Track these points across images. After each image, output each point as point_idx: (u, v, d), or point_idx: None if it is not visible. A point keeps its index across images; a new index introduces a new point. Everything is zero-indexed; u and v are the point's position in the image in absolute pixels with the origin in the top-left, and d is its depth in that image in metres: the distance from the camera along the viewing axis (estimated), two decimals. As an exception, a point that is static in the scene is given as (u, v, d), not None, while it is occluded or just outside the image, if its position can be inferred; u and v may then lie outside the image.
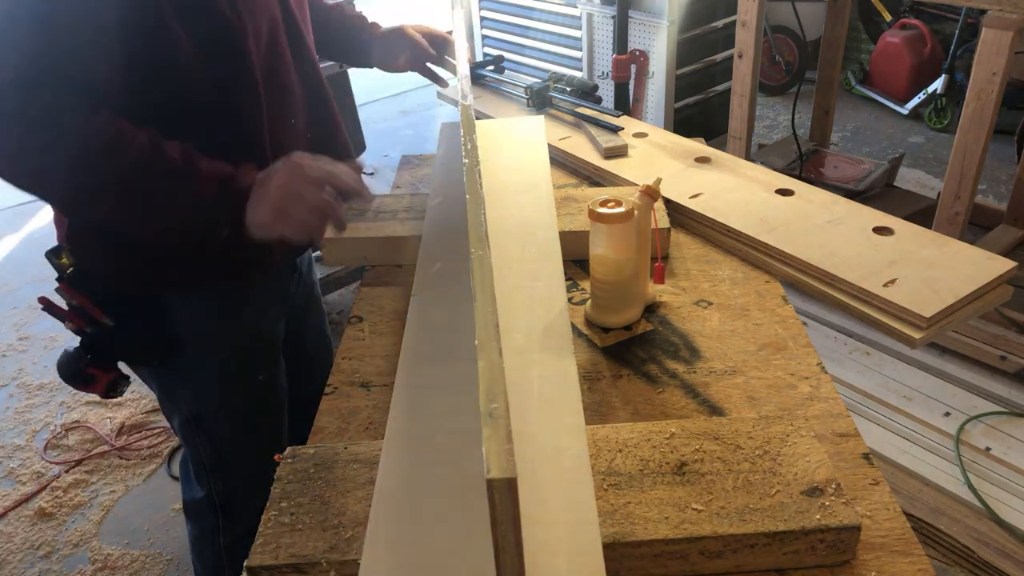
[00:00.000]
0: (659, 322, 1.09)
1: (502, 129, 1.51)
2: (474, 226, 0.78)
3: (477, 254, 0.73)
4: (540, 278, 1.03)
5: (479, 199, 0.84)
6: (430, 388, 0.88)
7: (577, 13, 2.93)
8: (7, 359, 2.85)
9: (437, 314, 1.00)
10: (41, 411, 2.57)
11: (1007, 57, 2.01)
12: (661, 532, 0.71)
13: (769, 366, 0.99)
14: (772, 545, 0.71)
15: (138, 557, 2.03)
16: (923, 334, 0.97)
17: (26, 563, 2.03)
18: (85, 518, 2.16)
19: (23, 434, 2.47)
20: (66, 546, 2.07)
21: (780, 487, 0.75)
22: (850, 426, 0.89)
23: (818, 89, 3.14)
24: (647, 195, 1.03)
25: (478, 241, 0.75)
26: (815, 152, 3.19)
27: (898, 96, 4.09)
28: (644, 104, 2.87)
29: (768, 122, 4.22)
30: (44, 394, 2.65)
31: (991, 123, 2.10)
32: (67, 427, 2.47)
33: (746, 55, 2.52)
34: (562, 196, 1.31)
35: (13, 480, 2.30)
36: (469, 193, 0.87)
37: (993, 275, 1.02)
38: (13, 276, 3.41)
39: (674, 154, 1.44)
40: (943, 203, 2.29)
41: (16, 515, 2.18)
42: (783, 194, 1.27)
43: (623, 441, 0.81)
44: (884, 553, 0.74)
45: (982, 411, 2.14)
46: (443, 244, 1.15)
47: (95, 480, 2.28)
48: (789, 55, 4.32)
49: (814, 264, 1.08)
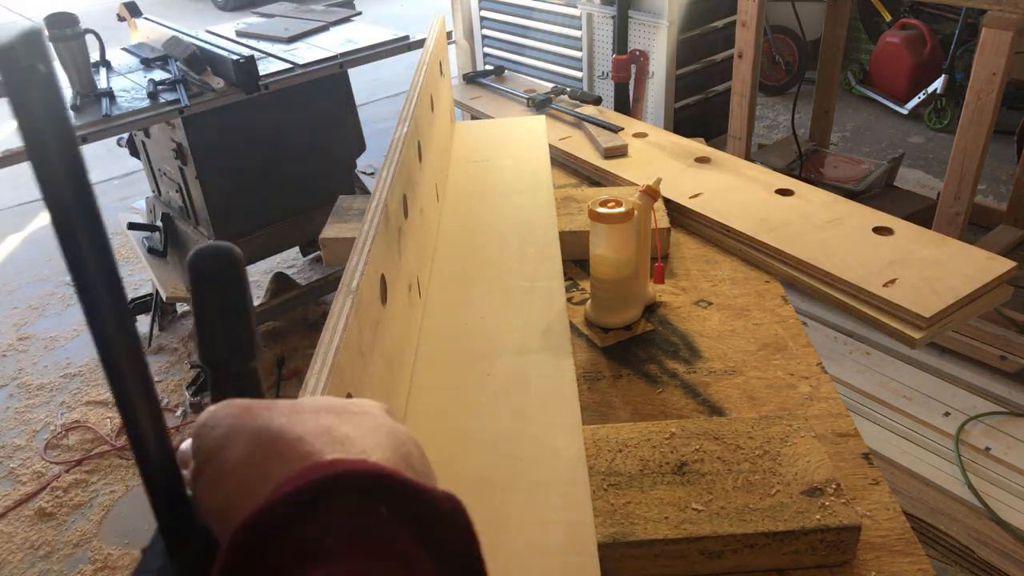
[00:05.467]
0: (659, 322, 1.09)
1: (502, 129, 1.51)
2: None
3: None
4: (539, 278, 1.03)
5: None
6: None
7: (577, 13, 2.93)
8: (7, 359, 2.85)
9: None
10: (41, 411, 2.57)
11: (1007, 57, 2.01)
12: (661, 532, 0.71)
13: (769, 366, 0.99)
14: (772, 545, 0.71)
15: (138, 557, 2.03)
16: (923, 334, 0.97)
17: (26, 563, 2.03)
18: (85, 518, 2.15)
19: (23, 434, 2.47)
20: (66, 546, 2.07)
21: (780, 487, 0.75)
22: (850, 426, 0.89)
23: (818, 89, 3.14)
24: (647, 195, 1.03)
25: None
26: (815, 152, 3.19)
27: (898, 96, 4.09)
28: (644, 104, 2.87)
29: (768, 122, 4.22)
30: (44, 394, 2.65)
31: (991, 123, 2.10)
32: (67, 427, 2.47)
33: (746, 55, 2.52)
34: (562, 196, 1.31)
35: (13, 480, 2.30)
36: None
37: (993, 275, 1.02)
38: (14, 276, 3.41)
39: (674, 154, 1.44)
40: (943, 203, 2.29)
41: (16, 515, 2.18)
42: (783, 194, 1.27)
43: (623, 441, 0.81)
44: (884, 553, 0.74)
45: (982, 411, 2.14)
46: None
47: (95, 480, 2.28)
48: (789, 55, 4.32)
49: (814, 264, 1.08)
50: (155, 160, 2.61)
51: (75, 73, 2.15)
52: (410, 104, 1.03)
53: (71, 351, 2.86)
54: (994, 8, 1.98)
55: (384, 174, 0.83)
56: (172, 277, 2.62)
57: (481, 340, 0.92)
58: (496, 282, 1.03)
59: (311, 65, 2.37)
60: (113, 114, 2.07)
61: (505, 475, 0.73)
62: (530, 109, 1.67)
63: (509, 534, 0.67)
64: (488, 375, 0.86)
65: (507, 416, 0.80)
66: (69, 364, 2.78)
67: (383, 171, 0.84)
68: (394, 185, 0.82)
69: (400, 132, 0.93)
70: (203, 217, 2.43)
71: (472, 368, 0.88)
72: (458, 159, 1.39)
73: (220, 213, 2.39)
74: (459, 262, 1.08)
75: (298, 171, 2.55)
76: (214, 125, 2.28)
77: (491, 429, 0.79)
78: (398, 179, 0.85)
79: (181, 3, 8.15)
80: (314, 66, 2.38)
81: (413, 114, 1.00)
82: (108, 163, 4.43)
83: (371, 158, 4.11)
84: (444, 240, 1.14)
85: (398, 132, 0.94)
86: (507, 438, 0.77)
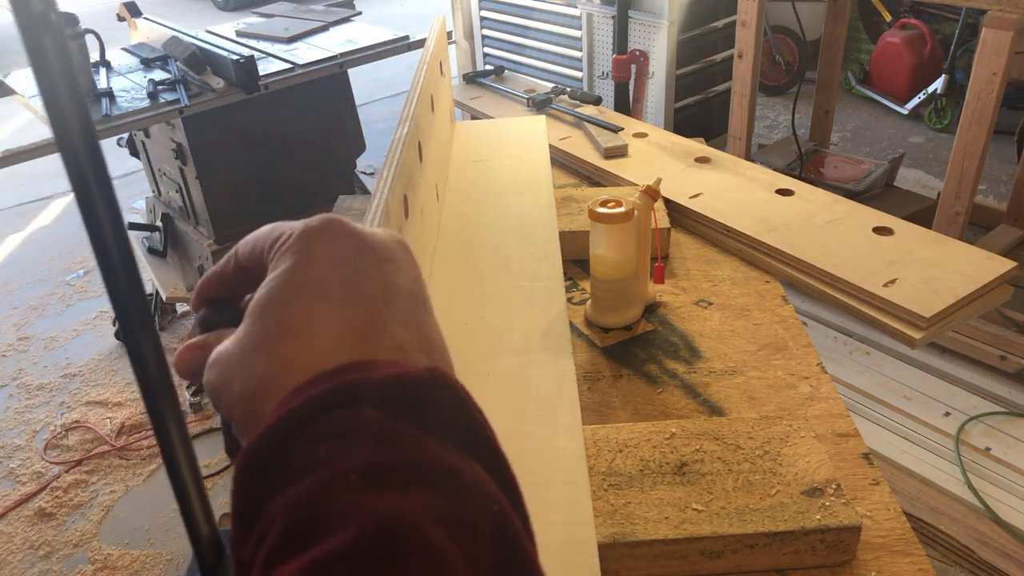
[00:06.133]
0: (659, 322, 1.09)
1: (502, 129, 1.51)
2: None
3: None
4: (539, 278, 1.03)
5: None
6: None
7: (577, 13, 2.93)
8: (7, 359, 2.85)
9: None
10: (41, 411, 2.57)
11: (1007, 57, 2.01)
12: (661, 532, 0.71)
13: (769, 366, 0.99)
14: (772, 545, 0.71)
15: (138, 557, 2.03)
16: (923, 334, 0.97)
17: (26, 563, 2.03)
18: (85, 518, 2.15)
19: (23, 434, 2.47)
20: (66, 546, 2.07)
21: (780, 487, 0.75)
22: (850, 426, 0.89)
23: (818, 89, 3.14)
24: (647, 195, 1.03)
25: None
26: (815, 152, 3.19)
27: (898, 96, 4.09)
28: (644, 104, 2.87)
29: (768, 122, 4.22)
30: (44, 394, 2.65)
31: (991, 123, 2.10)
32: (67, 427, 2.47)
33: (746, 55, 2.52)
34: (562, 196, 1.31)
35: (13, 480, 2.30)
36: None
37: (993, 275, 1.02)
38: (14, 276, 3.41)
39: (674, 154, 1.44)
40: (943, 203, 2.29)
41: (16, 515, 2.18)
42: (783, 194, 1.27)
43: (623, 441, 0.81)
44: (884, 553, 0.74)
45: (982, 411, 2.14)
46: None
47: (95, 480, 2.28)
48: (789, 55, 4.32)
49: (814, 264, 1.08)
50: (155, 160, 2.61)
51: (75, 73, 2.15)
52: (410, 104, 1.02)
53: (71, 351, 2.86)
54: (994, 8, 1.98)
55: (385, 174, 0.83)
56: (172, 277, 2.62)
57: (481, 340, 0.92)
58: (496, 282, 1.03)
59: (311, 65, 2.37)
60: (113, 114, 2.07)
61: (505, 475, 0.72)
62: (530, 109, 1.67)
63: (509, 534, 0.67)
64: (488, 375, 0.86)
65: (507, 416, 0.80)
66: (69, 364, 2.78)
67: (384, 171, 0.84)
68: (395, 185, 0.82)
69: (400, 132, 0.93)
70: (203, 217, 2.43)
71: (472, 368, 0.88)
72: (458, 159, 1.39)
73: (220, 213, 2.39)
74: (459, 262, 1.08)
75: (298, 171, 2.55)
76: (214, 125, 2.28)
77: (491, 429, 0.78)
78: (399, 179, 0.85)
79: (181, 3, 8.15)
80: (314, 66, 2.38)
81: (413, 114, 1.00)
82: (108, 163, 4.43)
83: (371, 158, 4.11)
84: (444, 240, 1.14)
85: (398, 132, 0.94)
86: (507, 438, 0.77)
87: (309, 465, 0.28)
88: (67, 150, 0.29)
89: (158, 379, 0.33)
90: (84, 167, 0.29)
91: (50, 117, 0.28)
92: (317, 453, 0.28)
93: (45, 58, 0.27)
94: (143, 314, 0.32)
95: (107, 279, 0.31)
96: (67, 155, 0.29)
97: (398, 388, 0.31)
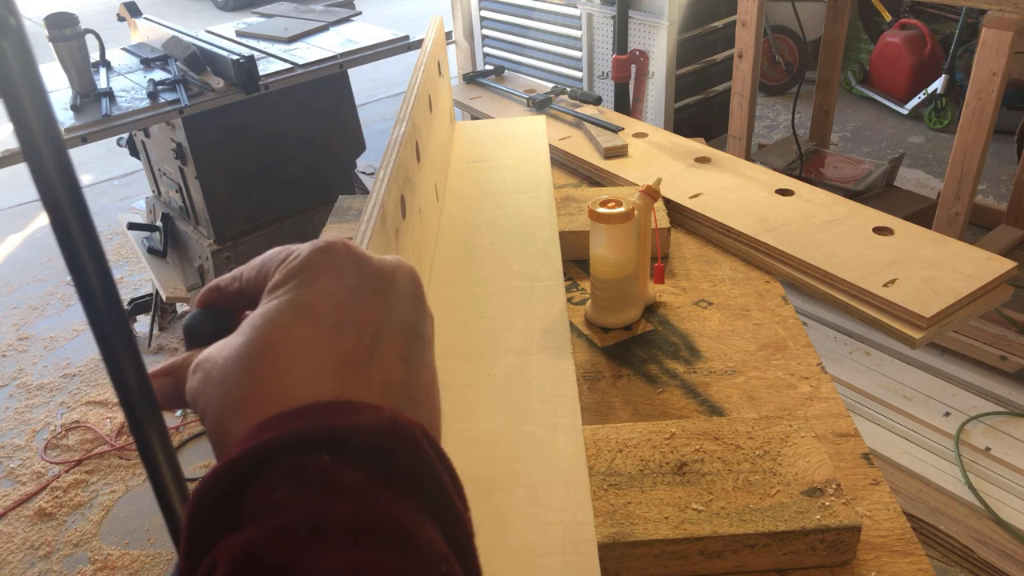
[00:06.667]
0: (659, 322, 1.09)
1: (502, 129, 1.51)
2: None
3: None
4: (540, 278, 1.03)
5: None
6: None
7: (577, 13, 2.93)
8: (7, 359, 2.85)
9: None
10: (41, 411, 2.57)
11: (1007, 57, 2.01)
12: (661, 532, 0.71)
13: (769, 366, 0.99)
14: (772, 545, 0.71)
15: (138, 557, 2.03)
16: (923, 334, 0.97)
17: (26, 563, 2.03)
18: (85, 518, 2.15)
19: (23, 434, 2.47)
20: (66, 546, 2.07)
21: (780, 487, 0.74)
22: (850, 426, 0.89)
23: (818, 89, 3.14)
24: (647, 195, 1.03)
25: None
26: (815, 152, 3.19)
27: (898, 96, 4.09)
28: (644, 104, 2.87)
29: (768, 122, 4.22)
30: (44, 394, 2.65)
31: (991, 123, 2.10)
32: (67, 427, 2.47)
33: (746, 55, 2.52)
34: (562, 196, 1.31)
35: (13, 480, 2.30)
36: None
37: (993, 275, 1.02)
38: (14, 276, 3.41)
39: (674, 154, 1.44)
40: (943, 203, 2.29)
41: (16, 515, 2.18)
42: (783, 194, 1.27)
43: (623, 441, 0.81)
44: (884, 553, 0.74)
45: (982, 411, 2.14)
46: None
47: (95, 480, 2.28)
48: (789, 55, 4.32)
49: (814, 264, 1.08)
50: (155, 160, 2.61)
51: (75, 73, 2.15)
52: (407, 104, 1.02)
53: (71, 351, 2.86)
54: (994, 8, 1.98)
55: (381, 175, 0.83)
56: (172, 277, 2.62)
57: (481, 340, 0.92)
58: (496, 282, 1.03)
59: (311, 65, 2.37)
60: (113, 114, 2.07)
61: (505, 475, 0.72)
62: (530, 109, 1.67)
63: (508, 534, 0.67)
64: (488, 375, 0.86)
65: (507, 416, 0.80)
66: (69, 364, 2.78)
67: (380, 172, 0.84)
68: (391, 186, 0.82)
69: (397, 133, 0.93)
70: (203, 217, 2.43)
71: (472, 368, 0.87)
72: (458, 159, 1.39)
73: (220, 213, 2.39)
74: (459, 262, 1.08)
75: (298, 171, 2.55)
76: (214, 125, 2.28)
77: (491, 429, 0.78)
78: (395, 180, 0.85)
79: (181, 3, 8.15)
80: (314, 66, 2.38)
81: (410, 114, 1.00)
82: (108, 163, 4.43)
83: (371, 158, 4.11)
84: (444, 240, 1.14)
85: (395, 133, 0.94)
86: (507, 438, 0.77)
87: (263, 509, 0.28)
88: (32, 156, 0.28)
89: (139, 394, 0.33)
90: (50, 174, 0.28)
91: (14, 125, 0.27)
92: (273, 496, 0.28)
93: (6, 63, 0.26)
94: (123, 330, 0.31)
95: (81, 292, 0.30)
96: (33, 162, 0.28)
97: (363, 439, 0.30)
